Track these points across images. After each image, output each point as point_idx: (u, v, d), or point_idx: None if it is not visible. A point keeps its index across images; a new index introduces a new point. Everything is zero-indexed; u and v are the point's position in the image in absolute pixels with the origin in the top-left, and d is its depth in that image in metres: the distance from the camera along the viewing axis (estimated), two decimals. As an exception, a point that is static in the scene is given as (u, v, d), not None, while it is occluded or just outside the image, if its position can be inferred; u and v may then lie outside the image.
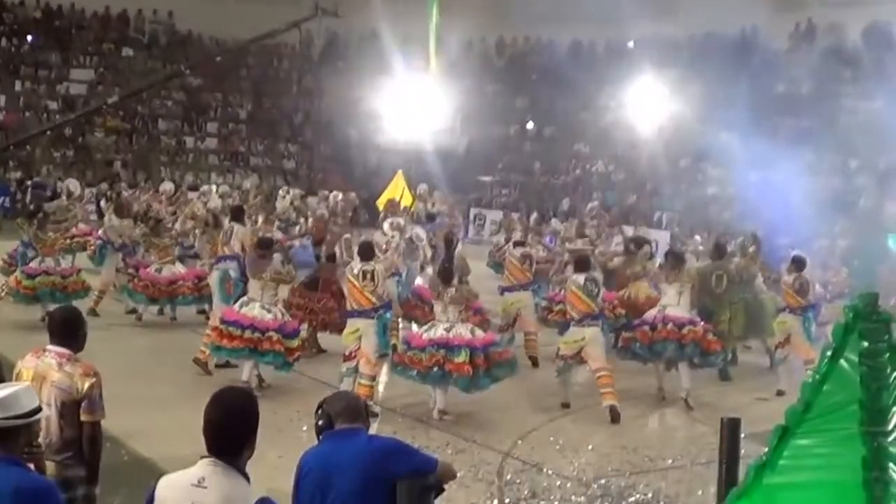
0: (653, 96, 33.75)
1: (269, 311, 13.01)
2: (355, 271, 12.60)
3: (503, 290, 16.25)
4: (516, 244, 16.46)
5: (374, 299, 12.49)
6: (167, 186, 24.77)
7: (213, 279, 15.50)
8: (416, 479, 5.13)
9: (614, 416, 12.56)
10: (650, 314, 13.81)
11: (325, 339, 15.35)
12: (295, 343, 13.11)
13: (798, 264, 14.47)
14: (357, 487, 5.03)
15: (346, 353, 12.64)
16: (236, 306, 13.27)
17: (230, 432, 4.32)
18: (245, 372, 13.05)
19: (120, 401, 9.36)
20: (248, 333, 12.74)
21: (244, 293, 13.81)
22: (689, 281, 13.84)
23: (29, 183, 35.68)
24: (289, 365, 13.08)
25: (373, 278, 12.53)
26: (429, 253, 16.15)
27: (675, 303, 13.68)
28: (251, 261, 13.75)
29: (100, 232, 19.95)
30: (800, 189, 27.53)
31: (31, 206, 19.47)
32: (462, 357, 11.96)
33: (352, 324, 12.62)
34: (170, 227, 18.21)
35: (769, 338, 15.53)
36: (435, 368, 11.99)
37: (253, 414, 4.41)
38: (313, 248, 16.67)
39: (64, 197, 23.51)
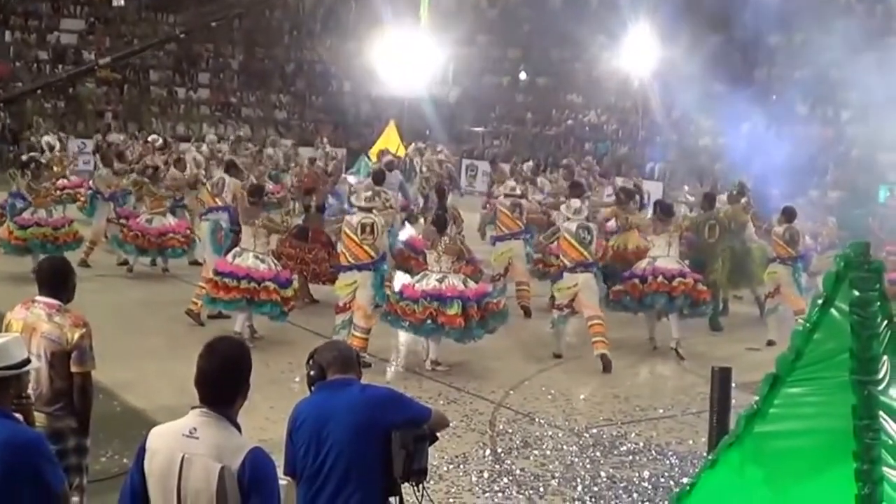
0: (645, 46, 33.58)
1: (262, 260, 13.01)
2: (354, 224, 12.57)
3: (494, 240, 16.29)
4: (507, 195, 16.41)
5: (372, 252, 12.46)
6: (154, 138, 24.69)
7: (204, 230, 15.47)
8: (409, 429, 5.14)
9: (605, 365, 12.64)
10: (640, 266, 13.81)
11: (316, 289, 15.37)
12: (290, 292, 13.11)
13: (788, 215, 14.50)
14: (351, 437, 5.04)
15: (340, 305, 12.64)
16: (229, 257, 13.25)
17: (223, 382, 4.32)
18: (238, 323, 13.09)
19: (112, 352, 9.43)
20: (244, 284, 12.74)
21: (234, 244, 13.80)
22: (676, 231, 13.85)
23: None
24: (284, 315, 13.10)
25: (372, 231, 12.49)
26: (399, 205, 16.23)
27: (664, 253, 13.69)
28: (244, 208, 13.74)
29: (90, 182, 19.92)
30: (791, 140, 27.55)
31: (24, 157, 19.33)
32: (455, 309, 11.99)
33: (348, 277, 12.58)
34: (163, 178, 18.13)
35: (759, 287, 15.59)
36: (428, 321, 12.01)
37: (246, 364, 4.41)
38: (304, 196, 16.62)
39: (48, 152, 23.35)
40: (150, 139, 24.27)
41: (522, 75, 42.88)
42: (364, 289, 12.42)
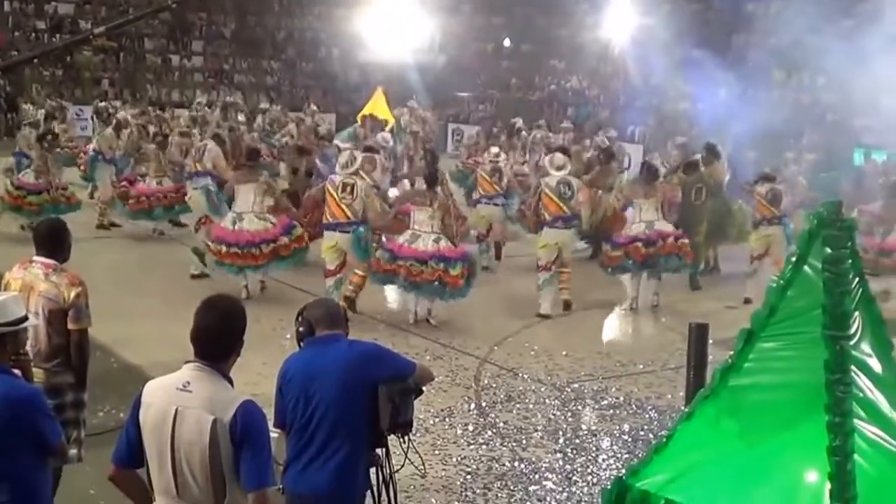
0: (626, 13, 33.68)
1: (264, 219, 13.20)
2: (336, 182, 12.63)
3: (475, 203, 16.35)
4: (491, 161, 16.44)
5: (349, 213, 12.50)
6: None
7: (198, 196, 15.24)
8: (395, 383, 5.26)
9: (567, 306, 13.24)
10: (636, 230, 13.58)
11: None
12: (298, 231, 13.38)
13: (767, 176, 14.63)
14: (339, 391, 5.16)
15: (329, 269, 12.73)
16: (228, 224, 13.26)
17: (218, 338, 4.39)
18: (250, 280, 13.45)
19: (110, 311, 9.57)
20: (253, 250, 12.98)
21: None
22: (660, 193, 13.85)
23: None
24: (304, 253, 13.59)
25: (352, 191, 12.54)
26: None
27: (657, 217, 13.59)
28: (241, 173, 13.87)
29: (92, 144, 19.98)
30: (768, 104, 27.63)
31: (41, 130, 19.41)
32: (458, 270, 12.16)
33: (329, 237, 12.69)
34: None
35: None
36: (436, 282, 12.14)
37: (241, 321, 4.47)
38: (296, 158, 16.69)
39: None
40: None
41: (507, 42, 43.13)
42: (349, 251, 12.56)
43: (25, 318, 5.30)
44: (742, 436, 4.48)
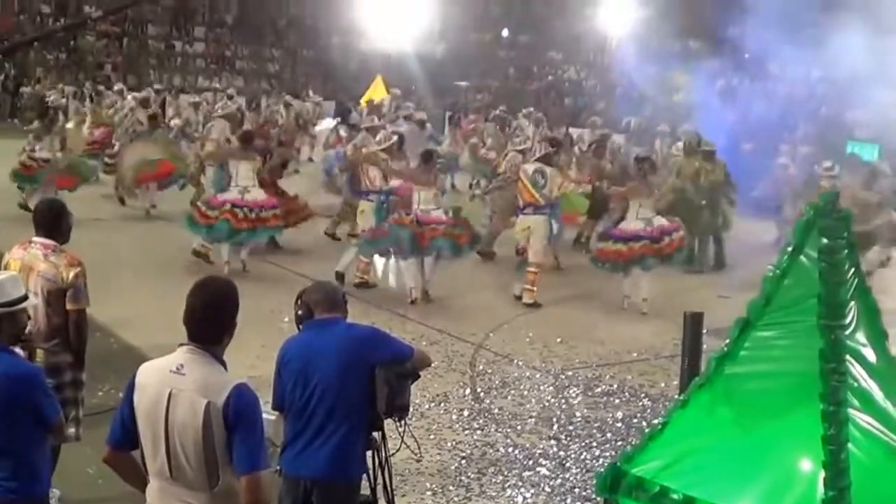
0: (623, 4, 33.77)
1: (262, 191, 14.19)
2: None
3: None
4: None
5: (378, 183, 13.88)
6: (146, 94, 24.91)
7: (371, 210, 14.31)
8: (392, 366, 5.30)
9: (527, 303, 13.25)
10: (634, 227, 13.35)
11: (297, 234, 15.65)
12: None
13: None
14: (337, 373, 5.20)
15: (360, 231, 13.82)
16: (237, 195, 13.93)
17: (210, 320, 4.36)
18: (225, 253, 14.01)
19: (109, 291, 9.60)
20: (261, 213, 13.98)
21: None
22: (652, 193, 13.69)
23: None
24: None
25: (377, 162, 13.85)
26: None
27: (653, 213, 13.45)
28: (240, 151, 14.61)
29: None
30: (763, 96, 27.65)
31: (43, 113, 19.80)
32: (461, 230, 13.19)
33: (361, 204, 13.92)
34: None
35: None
36: (450, 241, 12.96)
37: (233, 303, 4.44)
38: (278, 149, 16.93)
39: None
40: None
41: (505, 32, 43.13)
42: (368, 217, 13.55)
43: (24, 299, 5.29)
44: (737, 423, 4.49)
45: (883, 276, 13.14)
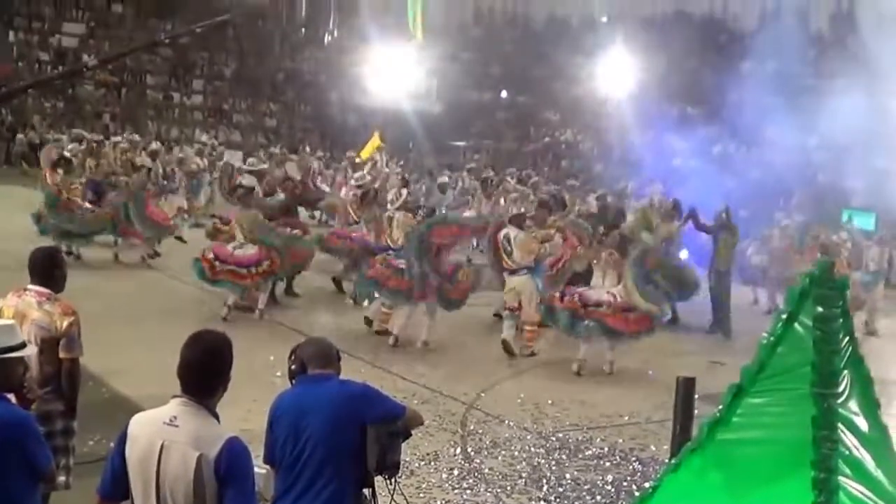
0: (622, 68, 34.10)
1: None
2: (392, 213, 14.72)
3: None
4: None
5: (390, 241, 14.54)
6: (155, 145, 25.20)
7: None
8: (384, 424, 5.29)
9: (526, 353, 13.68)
10: (597, 295, 13.27)
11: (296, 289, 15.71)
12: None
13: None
14: (328, 430, 5.17)
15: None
16: (237, 249, 14.41)
17: (205, 373, 4.40)
18: (261, 300, 14.69)
19: (102, 341, 9.56)
20: (249, 270, 14.35)
21: None
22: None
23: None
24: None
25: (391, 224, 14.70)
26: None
27: (619, 287, 13.32)
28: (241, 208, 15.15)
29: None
30: (759, 164, 27.89)
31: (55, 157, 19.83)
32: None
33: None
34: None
35: None
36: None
37: (227, 356, 4.48)
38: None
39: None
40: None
41: (503, 93, 43.45)
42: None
43: (20, 347, 5.29)
44: (728, 489, 4.49)
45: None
